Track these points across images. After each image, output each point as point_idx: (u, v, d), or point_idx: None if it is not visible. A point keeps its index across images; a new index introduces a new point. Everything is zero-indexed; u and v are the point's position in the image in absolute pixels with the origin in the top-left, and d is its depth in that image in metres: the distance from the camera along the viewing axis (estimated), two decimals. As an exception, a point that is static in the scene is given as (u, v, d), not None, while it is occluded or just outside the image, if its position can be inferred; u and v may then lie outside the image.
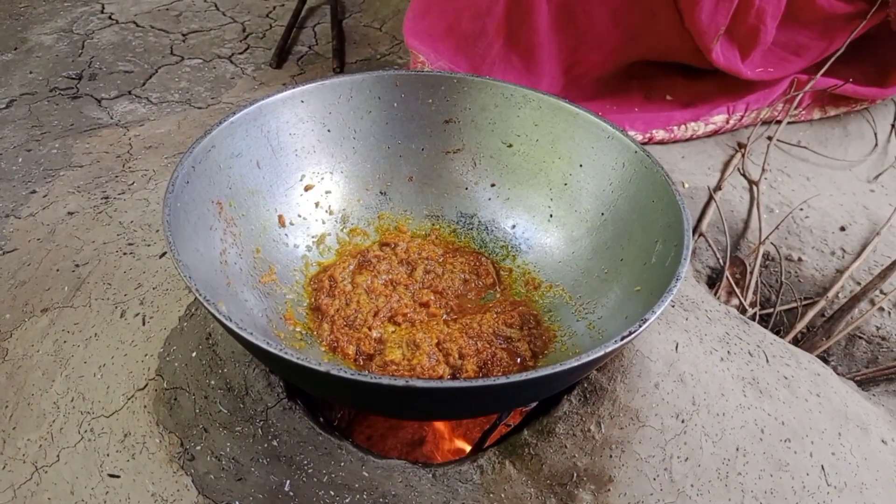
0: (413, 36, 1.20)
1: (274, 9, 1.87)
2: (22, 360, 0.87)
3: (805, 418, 0.79)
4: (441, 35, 1.19)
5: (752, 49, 1.21)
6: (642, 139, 1.25)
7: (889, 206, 1.22)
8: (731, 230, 1.17)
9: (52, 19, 1.77)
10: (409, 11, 1.21)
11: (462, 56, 1.20)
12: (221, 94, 1.49)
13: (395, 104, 0.89)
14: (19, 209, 1.11)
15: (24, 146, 1.28)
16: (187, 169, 0.71)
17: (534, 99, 0.87)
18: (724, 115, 1.28)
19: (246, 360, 0.77)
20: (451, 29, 1.19)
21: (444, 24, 1.19)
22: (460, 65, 1.20)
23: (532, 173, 0.89)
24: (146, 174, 1.19)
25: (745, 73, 1.23)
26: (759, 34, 1.19)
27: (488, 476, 0.71)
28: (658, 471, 0.72)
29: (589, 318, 0.80)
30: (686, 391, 0.76)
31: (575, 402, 0.74)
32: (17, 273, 0.98)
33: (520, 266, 0.89)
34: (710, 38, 1.15)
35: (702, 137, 1.30)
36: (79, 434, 0.78)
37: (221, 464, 0.72)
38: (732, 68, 1.22)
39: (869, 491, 0.76)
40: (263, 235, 0.82)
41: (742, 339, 0.86)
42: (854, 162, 1.32)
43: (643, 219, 0.78)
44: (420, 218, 0.93)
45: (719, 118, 1.28)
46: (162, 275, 0.92)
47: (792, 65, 1.28)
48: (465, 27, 1.17)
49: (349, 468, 0.71)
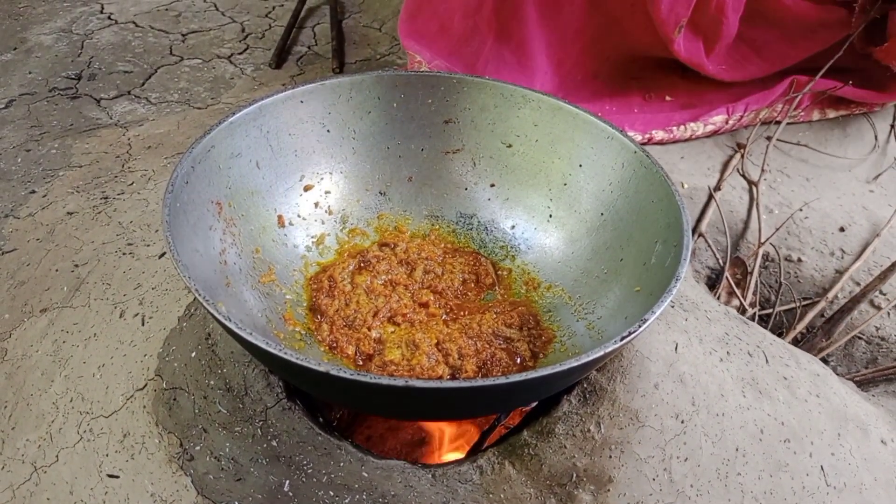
0: (408, 36, 1.20)
1: (273, 9, 1.87)
2: (21, 360, 0.87)
3: (805, 419, 0.79)
4: (434, 35, 1.20)
5: (716, 42, 1.21)
6: (641, 139, 1.25)
7: (888, 206, 1.22)
8: (731, 231, 1.17)
9: (52, 19, 1.77)
10: (403, 12, 1.21)
11: (456, 56, 1.20)
12: (221, 94, 1.49)
13: (395, 104, 0.89)
14: (18, 209, 1.11)
15: (24, 146, 1.28)
16: (187, 169, 0.71)
17: (533, 99, 0.87)
18: (723, 116, 1.28)
19: (245, 361, 0.76)
20: (444, 28, 1.19)
21: (437, 23, 1.19)
22: (455, 64, 1.20)
23: (531, 173, 0.89)
24: (145, 174, 1.19)
25: (708, 68, 1.23)
26: (721, 27, 1.18)
27: (488, 476, 0.71)
28: (658, 471, 0.72)
29: (588, 319, 0.80)
30: (686, 392, 0.76)
31: (574, 403, 0.74)
32: (16, 273, 0.98)
33: (519, 266, 0.89)
34: (671, 28, 1.15)
35: (701, 138, 1.30)
36: (78, 434, 0.78)
37: (221, 464, 0.72)
38: (695, 61, 1.21)
39: (868, 491, 0.76)
40: (263, 236, 0.82)
41: (742, 339, 0.86)
42: (854, 161, 1.32)
43: (643, 219, 0.78)
44: (419, 218, 0.92)
45: (718, 119, 1.28)
46: (161, 275, 0.92)
47: (752, 66, 1.27)
48: (456, 26, 1.18)
49: (348, 468, 0.71)
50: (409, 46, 1.20)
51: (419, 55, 1.19)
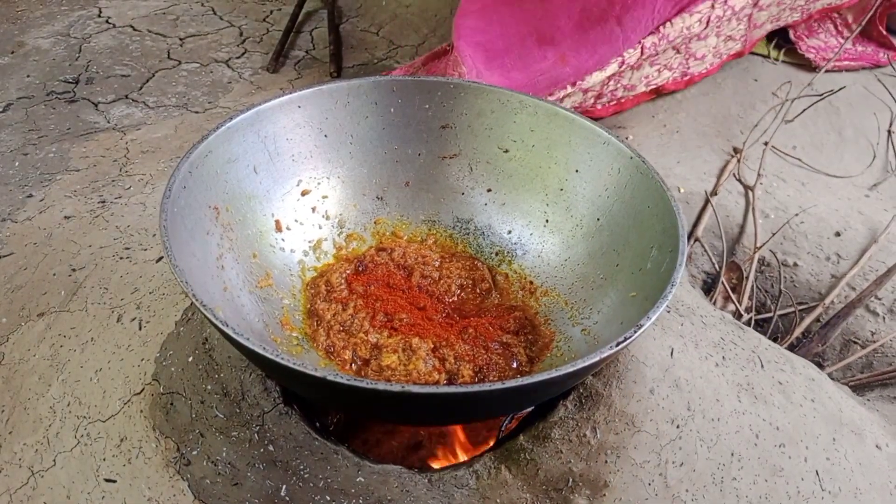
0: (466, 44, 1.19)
1: (271, 13, 1.88)
2: (18, 364, 0.87)
3: (800, 424, 0.79)
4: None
5: None
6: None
7: (884, 210, 1.23)
8: (727, 235, 1.17)
9: (50, 23, 1.77)
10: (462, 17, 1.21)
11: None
12: (218, 98, 1.50)
13: (392, 109, 0.89)
14: (16, 213, 1.11)
15: (21, 150, 1.29)
16: (184, 174, 0.71)
17: (530, 105, 0.87)
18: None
19: (242, 365, 0.77)
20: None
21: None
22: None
23: (528, 178, 0.89)
24: (143, 178, 1.19)
25: None
26: None
27: (484, 481, 0.71)
28: (653, 476, 0.72)
29: (584, 324, 0.80)
30: (681, 396, 0.77)
31: (571, 408, 0.74)
32: (13, 277, 0.98)
33: (516, 271, 0.89)
34: None
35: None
36: (75, 438, 0.78)
37: (217, 469, 0.72)
38: None
39: (863, 496, 0.76)
40: (260, 240, 0.82)
41: (737, 344, 0.86)
42: (850, 167, 1.33)
43: (639, 224, 0.78)
44: (416, 223, 0.93)
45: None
46: (158, 279, 0.92)
47: None
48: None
49: (345, 473, 0.71)
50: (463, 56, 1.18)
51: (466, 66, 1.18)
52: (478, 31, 1.21)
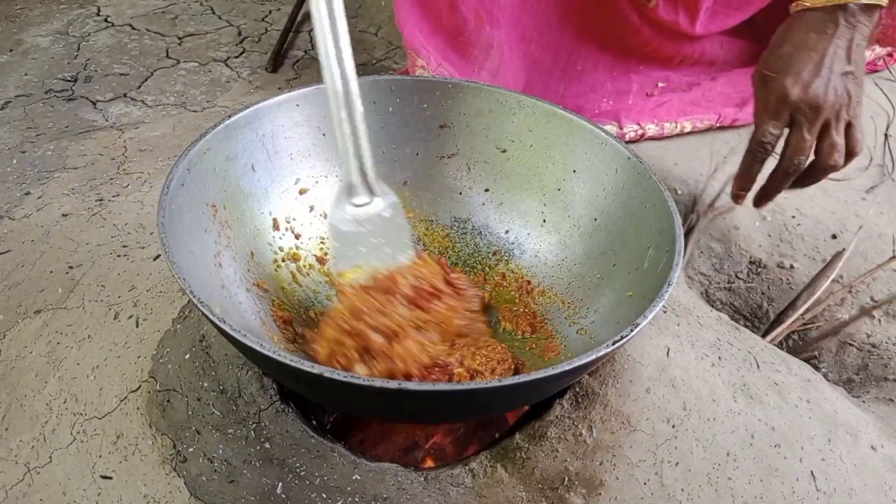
0: (411, 35, 1.18)
1: (270, 13, 1.88)
2: (15, 361, 0.87)
3: (795, 424, 0.79)
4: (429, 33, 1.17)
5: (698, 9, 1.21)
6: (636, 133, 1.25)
7: (880, 213, 1.23)
8: (724, 237, 1.17)
9: (48, 21, 1.77)
10: (399, 14, 1.19)
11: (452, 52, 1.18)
12: (217, 97, 1.50)
13: (391, 109, 0.89)
14: (13, 210, 1.11)
15: (19, 148, 1.28)
16: (182, 171, 0.71)
17: (528, 105, 0.87)
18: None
19: (239, 363, 0.77)
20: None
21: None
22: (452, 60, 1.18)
23: (526, 178, 0.90)
24: (141, 177, 1.19)
25: (685, 26, 1.22)
26: None
27: (480, 480, 0.71)
28: (649, 475, 0.72)
29: (581, 323, 0.80)
30: (677, 396, 0.77)
31: (567, 407, 0.75)
32: (10, 274, 0.98)
33: (513, 271, 0.89)
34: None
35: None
36: (71, 435, 0.78)
37: (214, 466, 0.72)
38: (672, 19, 1.21)
39: (858, 497, 0.77)
40: (258, 238, 0.82)
41: (733, 344, 0.86)
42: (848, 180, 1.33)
43: (636, 224, 0.78)
44: (414, 222, 0.93)
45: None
46: (156, 277, 0.92)
47: (732, 19, 1.26)
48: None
49: (341, 471, 0.71)
50: (414, 49, 1.16)
51: (423, 58, 1.16)
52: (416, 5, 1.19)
